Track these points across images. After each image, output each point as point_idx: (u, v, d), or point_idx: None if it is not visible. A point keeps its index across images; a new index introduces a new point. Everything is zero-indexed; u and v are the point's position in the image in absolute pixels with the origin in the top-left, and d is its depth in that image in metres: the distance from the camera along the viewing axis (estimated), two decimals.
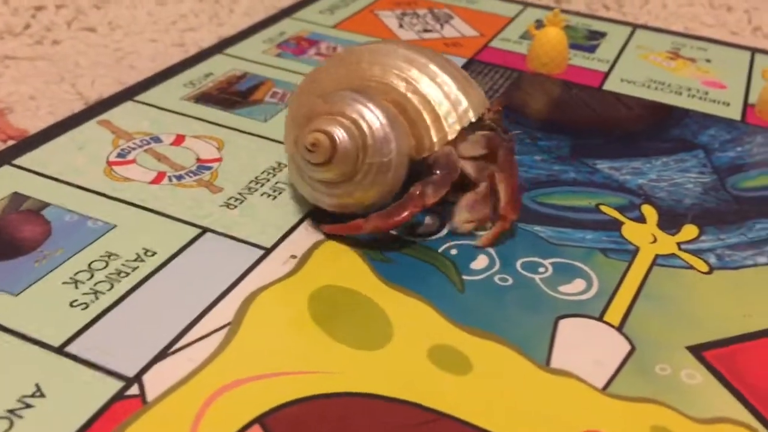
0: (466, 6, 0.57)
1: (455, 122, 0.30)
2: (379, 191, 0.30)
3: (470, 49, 0.50)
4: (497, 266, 0.30)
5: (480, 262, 0.31)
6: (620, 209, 0.35)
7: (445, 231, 0.32)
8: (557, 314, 0.28)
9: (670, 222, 0.34)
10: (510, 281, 0.30)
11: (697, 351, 0.27)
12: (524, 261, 0.31)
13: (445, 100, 0.31)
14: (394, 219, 0.29)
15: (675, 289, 0.30)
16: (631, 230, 0.33)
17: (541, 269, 0.30)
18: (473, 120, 0.31)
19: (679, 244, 0.33)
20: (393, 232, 0.32)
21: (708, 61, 0.51)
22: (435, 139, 0.30)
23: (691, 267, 0.31)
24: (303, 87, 0.33)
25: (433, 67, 0.31)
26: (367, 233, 0.30)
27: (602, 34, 0.54)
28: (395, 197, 0.30)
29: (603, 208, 0.35)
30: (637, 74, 0.48)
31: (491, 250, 0.31)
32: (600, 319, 0.28)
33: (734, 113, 0.44)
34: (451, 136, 0.30)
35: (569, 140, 0.40)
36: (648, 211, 0.35)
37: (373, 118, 0.29)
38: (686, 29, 0.57)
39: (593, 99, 0.45)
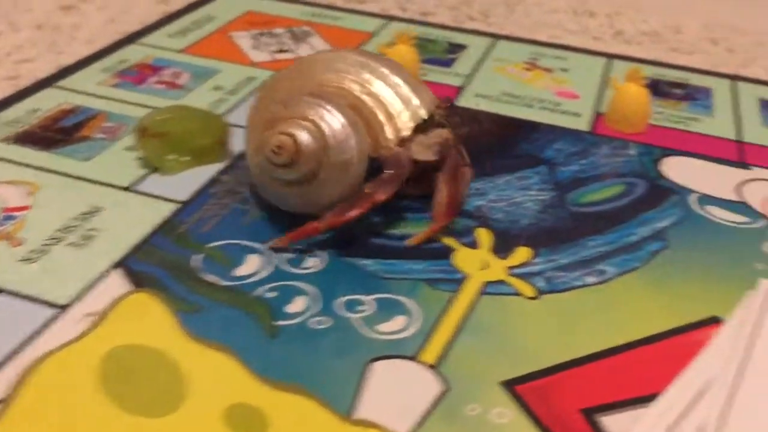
0: (328, 23, 0.56)
1: (408, 120, 0.33)
2: (341, 189, 0.31)
3: None
4: (315, 307, 0.29)
5: (297, 303, 0.29)
6: (454, 235, 0.34)
7: (267, 272, 0.31)
8: (370, 357, 0.27)
9: (504, 245, 0.33)
10: (327, 323, 0.28)
11: (511, 386, 0.26)
12: (346, 299, 0.29)
13: (398, 99, 0.33)
14: (347, 215, 0.31)
15: (499, 318, 0.29)
16: (462, 257, 0.32)
17: (362, 307, 0.29)
18: (425, 117, 0.33)
19: (509, 268, 0.32)
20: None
21: (564, 70, 0.51)
22: (390, 137, 0.32)
23: (518, 293, 0.31)
24: (261, 96, 0.34)
25: (384, 70, 0.33)
26: (322, 232, 0.31)
27: (462, 47, 0.53)
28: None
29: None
30: (492, 88, 0.47)
31: (313, 289, 0.30)
32: (415, 358, 0.27)
33: (583, 124, 0.44)
34: (405, 133, 0.32)
35: None
36: (482, 234, 0.34)
37: (332, 119, 0.31)
38: (550, 37, 0.58)
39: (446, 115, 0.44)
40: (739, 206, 0.37)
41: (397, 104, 0.33)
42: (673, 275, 0.32)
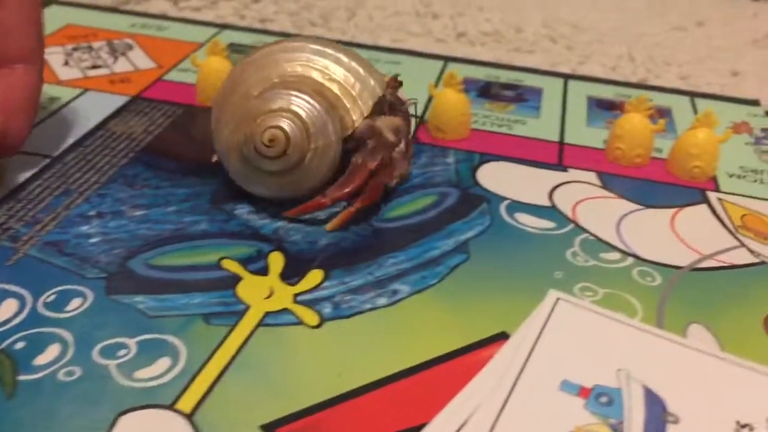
0: (153, 34, 0.53)
1: (368, 98, 0.35)
2: (325, 170, 0.34)
3: (139, 85, 0.45)
4: (69, 356, 0.26)
5: (49, 353, 0.26)
6: (245, 261, 0.32)
7: (20, 319, 0.27)
8: (121, 409, 0.25)
9: (296, 269, 0.31)
10: (78, 374, 0.25)
11: (271, 430, 0.24)
12: (105, 344, 0.27)
13: (357, 82, 0.35)
14: (349, 187, 0.34)
15: (274, 353, 0.27)
16: (248, 286, 0.30)
17: (123, 352, 0.27)
18: (380, 95, 0.36)
19: (296, 295, 0.30)
20: None
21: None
22: (355, 117, 0.35)
23: (300, 322, 0.29)
24: (225, 91, 0.36)
25: (340, 56, 0.36)
26: (330, 206, 0.34)
27: None
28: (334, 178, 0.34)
29: (225, 262, 0.32)
30: None
31: (70, 335, 0.27)
32: (171, 407, 0.25)
33: None
34: (366, 112, 0.35)
35: (217, 183, 0.36)
36: (275, 259, 0.32)
37: (308, 107, 0.34)
38: (392, 41, 0.57)
39: None
40: (549, 211, 0.36)
41: (357, 86, 0.35)
42: (470, 290, 0.31)
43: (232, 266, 0.31)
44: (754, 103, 0.49)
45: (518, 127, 0.44)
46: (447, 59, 0.52)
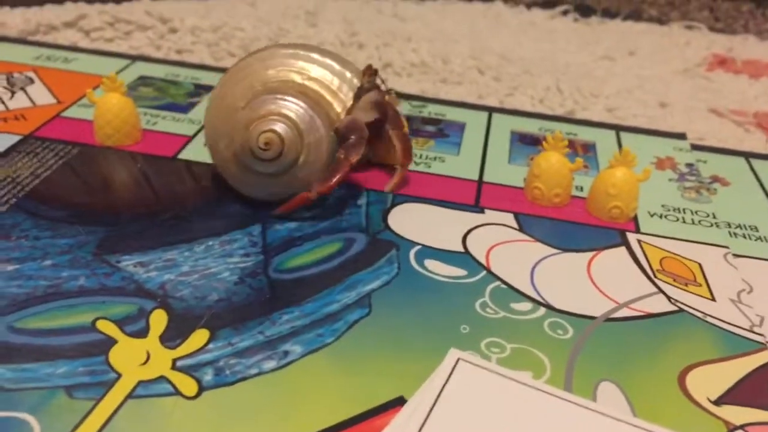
0: (59, 67, 0.50)
1: (348, 91, 0.37)
2: (319, 165, 0.36)
3: (34, 122, 0.42)
4: None
5: None
6: (124, 321, 0.29)
7: None
8: None
9: (180, 330, 0.29)
10: None
11: None
12: None
13: (334, 77, 0.37)
14: (332, 181, 0.35)
15: (143, 430, 0.24)
16: (122, 351, 0.27)
17: None
18: (358, 85, 0.37)
19: (175, 360, 0.27)
20: None
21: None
22: (339, 110, 0.37)
23: (176, 392, 0.26)
24: (213, 109, 0.37)
25: (314, 55, 0.37)
26: (314, 200, 0.36)
27: (209, 88, 0.49)
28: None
29: (100, 324, 0.29)
30: None
31: None
32: None
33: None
34: (348, 103, 0.37)
35: (106, 231, 0.34)
36: (157, 318, 0.29)
37: (295, 107, 0.35)
38: None
39: (160, 173, 0.39)
40: (461, 257, 0.34)
41: (336, 81, 0.37)
42: (368, 349, 0.29)
43: (108, 328, 0.28)
44: (680, 136, 0.48)
45: (437, 165, 0.42)
46: None
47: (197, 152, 0.41)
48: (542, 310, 0.31)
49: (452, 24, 0.70)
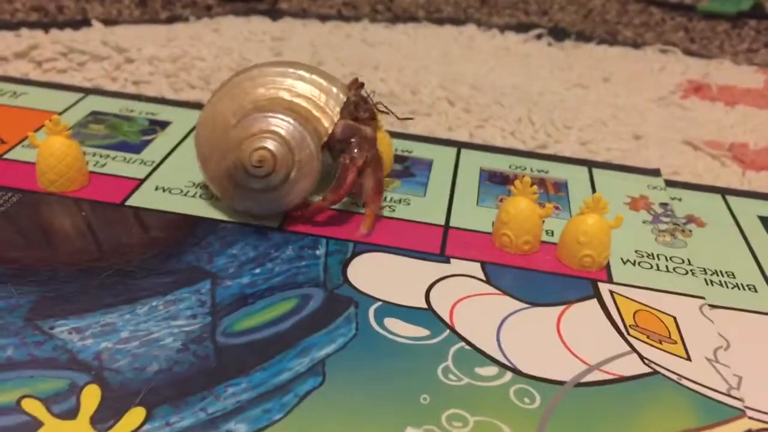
0: (6, 102, 0.47)
1: (335, 105, 0.38)
2: (311, 180, 0.37)
3: None
4: None
5: None
6: (53, 399, 0.26)
7: None
8: None
9: (114, 407, 0.26)
10: None
11: None
12: None
13: (321, 93, 0.38)
14: (344, 188, 0.37)
15: None
16: None
17: None
18: (344, 99, 0.39)
19: None
20: None
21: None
22: (327, 124, 0.38)
23: None
24: (204, 128, 0.38)
25: (301, 72, 0.39)
26: (328, 208, 0.38)
27: (166, 123, 0.47)
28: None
29: (26, 402, 0.26)
30: (181, 176, 0.41)
31: None
32: None
33: (275, 216, 0.38)
34: (336, 118, 0.38)
35: (41, 291, 0.32)
36: (89, 395, 0.27)
37: (285, 124, 0.36)
38: None
39: (105, 222, 0.37)
40: (423, 315, 0.32)
41: (323, 97, 0.38)
42: (318, 427, 0.26)
43: (34, 408, 0.26)
44: (655, 172, 0.47)
45: (401, 208, 0.40)
46: None
47: (147, 197, 0.38)
48: (508, 375, 0.29)
49: (423, 48, 0.68)
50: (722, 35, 0.82)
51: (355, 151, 0.37)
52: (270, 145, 0.35)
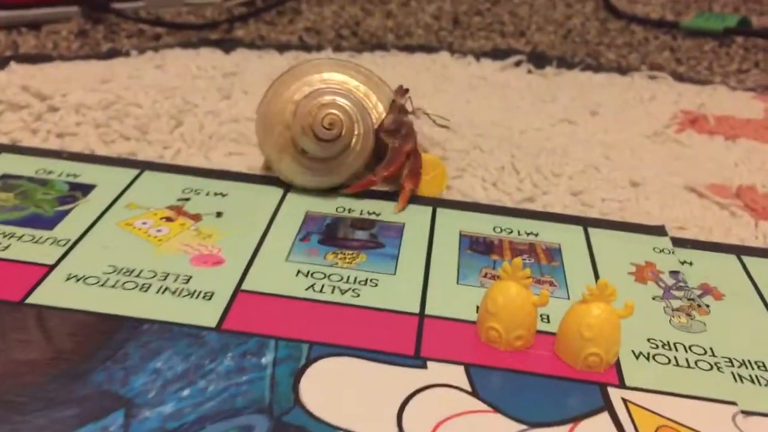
0: None
1: (384, 102, 0.42)
2: (364, 157, 0.41)
3: None
4: None
5: None
6: None
7: None
8: None
9: None
10: None
11: None
12: None
13: (371, 89, 0.42)
14: (394, 166, 0.41)
15: None
16: None
17: None
18: (392, 99, 0.43)
19: None
20: None
21: (219, 215, 0.39)
22: (374, 118, 0.42)
23: None
24: (269, 99, 0.42)
25: (354, 71, 0.43)
26: (379, 183, 0.41)
27: (89, 188, 0.40)
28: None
29: None
30: (97, 262, 0.33)
31: None
32: None
33: (212, 315, 0.31)
34: (383, 114, 0.42)
35: None
36: None
37: (349, 104, 0.40)
38: (229, 154, 0.46)
39: (3, 325, 0.30)
40: None
41: (373, 95, 0.42)
42: None
43: None
44: (659, 231, 0.41)
45: (368, 292, 0.34)
46: (290, 187, 0.42)
47: (56, 291, 0.31)
48: None
49: (392, 80, 0.62)
50: (710, 55, 0.77)
51: (405, 138, 0.41)
52: (340, 111, 0.39)
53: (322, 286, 0.33)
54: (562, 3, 0.90)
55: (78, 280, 0.32)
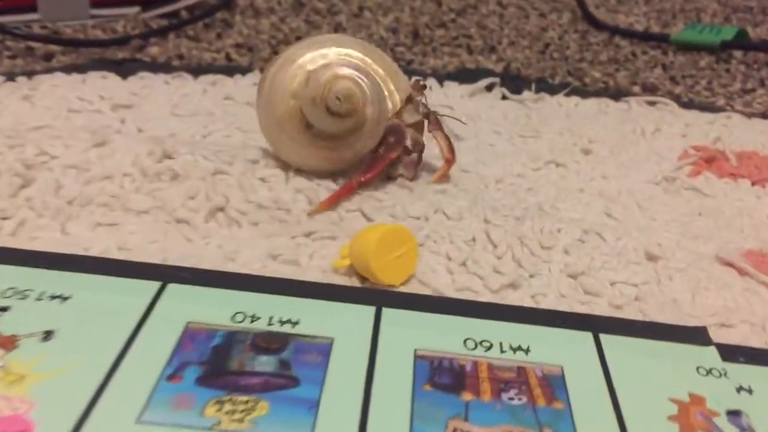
0: None
1: (402, 92, 0.40)
2: (372, 142, 0.39)
3: None
4: None
5: None
6: None
7: None
8: None
9: None
10: None
11: None
12: None
13: (390, 75, 0.40)
14: (372, 172, 0.38)
15: None
16: None
17: None
18: (410, 92, 0.40)
19: None
20: None
21: (47, 336, 0.25)
22: (390, 106, 0.39)
23: None
24: (282, 63, 0.39)
25: (372, 54, 0.40)
26: (356, 189, 0.37)
27: None
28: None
29: None
30: None
31: None
32: None
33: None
34: (399, 104, 0.39)
35: None
36: None
37: (366, 81, 0.37)
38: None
39: None
40: None
41: (391, 82, 0.40)
42: None
43: None
44: (699, 336, 0.29)
45: None
46: (170, 281, 0.30)
47: None
48: None
49: None
50: (708, 72, 0.66)
51: (392, 146, 0.39)
52: (356, 87, 0.37)
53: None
54: (536, 13, 0.79)
55: None
